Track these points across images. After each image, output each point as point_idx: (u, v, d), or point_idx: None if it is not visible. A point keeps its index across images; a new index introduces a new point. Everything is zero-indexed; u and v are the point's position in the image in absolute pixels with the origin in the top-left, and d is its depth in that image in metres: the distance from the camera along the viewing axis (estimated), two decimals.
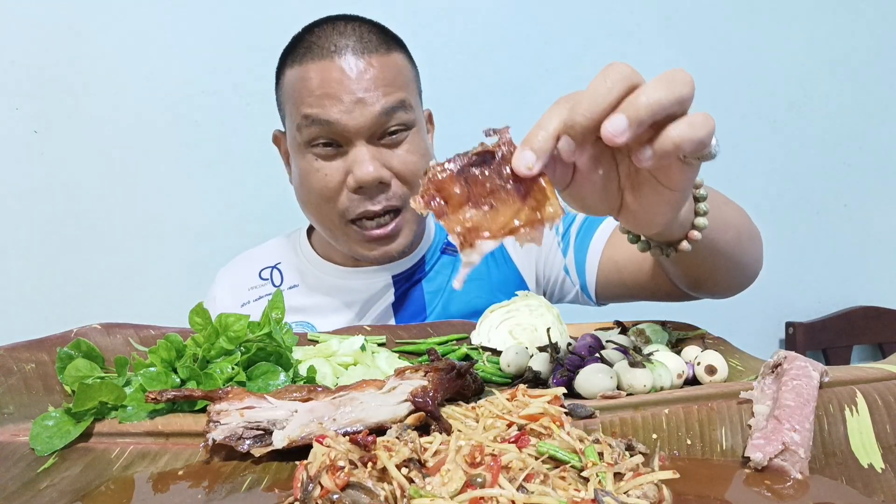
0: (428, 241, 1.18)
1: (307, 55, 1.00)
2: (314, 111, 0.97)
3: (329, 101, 0.97)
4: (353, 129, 0.97)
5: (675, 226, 0.66)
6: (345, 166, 1.00)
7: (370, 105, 0.97)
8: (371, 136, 0.99)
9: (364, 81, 0.97)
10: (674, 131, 0.49)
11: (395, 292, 1.14)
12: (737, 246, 0.83)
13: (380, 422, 0.59)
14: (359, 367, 0.76)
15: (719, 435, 0.60)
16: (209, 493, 0.53)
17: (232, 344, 0.71)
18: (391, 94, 0.98)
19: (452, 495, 0.45)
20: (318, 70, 0.98)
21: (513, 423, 0.56)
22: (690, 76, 0.50)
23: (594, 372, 0.68)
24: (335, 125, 0.97)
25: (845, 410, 0.61)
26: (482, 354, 0.82)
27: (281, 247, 1.24)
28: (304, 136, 1.00)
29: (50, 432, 0.61)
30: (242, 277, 1.21)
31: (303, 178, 1.03)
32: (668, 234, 0.67)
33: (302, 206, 1.08)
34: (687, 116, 0.50)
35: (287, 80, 1.03)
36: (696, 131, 0.50)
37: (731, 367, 0.73)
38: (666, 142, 0.49)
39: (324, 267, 1.17)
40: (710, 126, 0.51)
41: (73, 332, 0.78)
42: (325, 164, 1.00)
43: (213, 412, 0.59)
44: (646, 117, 0.48)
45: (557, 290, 1.16)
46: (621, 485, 0.49)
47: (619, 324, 0.89)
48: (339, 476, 0.46)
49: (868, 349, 2.15)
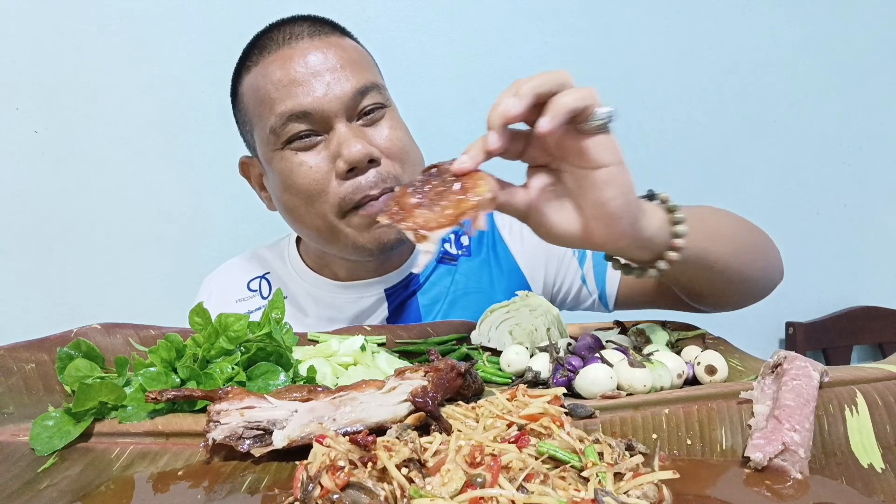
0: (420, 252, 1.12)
1: (262, 53, 0.96)
2: (287, 105, 0.92)
3: (299, 88, 0.92)
4: (331, 111, 0.92)
5: (655, 235, 0.70)
6: (329, 153, 0.93)
7: (342, 84, 0.92)
8: (349, 117, 0.94)
9: (328, 61, 0.93)
10: (558, 97, 0.61)
11: (389, 306, 1.08)
12: (734, 257, 0.82)
13: (380, 422, 0.59)
14: (359, 367, 0.76)
15: (719, 435, 0.60)
16: (209, 493, 0.53)
17: (232, 344, 0.71)
18: (360, 74, 0.95)
19: (452, 495, 0.45)
20: (278, 62, 0.93)
21: (513, 423, 0.56)
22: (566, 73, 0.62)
23: (594, 372, 0.68)
24: (313, 113, 0.92)
25: (845, 410, 0.61)
26: (482, 354, 0.82)
27: (268, 256, 1.18)
28: (283, 135, 0.93)
29: (50, 432, 0.61)
30: (230, 288, 1.15)
31: (286, 180, 0.96)
32: (649, 244, 0.70)
33: (289, 214, 1.00)
34: (569, 89, 0.61)
35: (246, 89, 0.98)
36: (575, 94, 0.61)
37: (731, 367, 0.73)
38: (553, 105, 0.60)
39: (314, 280, 1.10)
40: (587, 92, 0.61)
41: (73, 332, 0.78)
42: (308, 157, 0.94)
43: (213, 412, 0.59)
44: (530, 91, 0.60)
45: (571, 299, 1.14)
46: (621, 485, 0.49)
47: (619, 324, 0.89)
48: (339, 476, 0.46)
49: (868, 349, 2.15)
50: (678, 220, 0.71)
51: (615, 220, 0.65)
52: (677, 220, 0.71)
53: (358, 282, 1.08)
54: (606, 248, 0.70)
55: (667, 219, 0.72)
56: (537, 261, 1.12)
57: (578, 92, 0.61)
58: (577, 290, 1.12)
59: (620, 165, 0.65)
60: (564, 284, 1.13)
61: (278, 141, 0.94)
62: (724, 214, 0.89)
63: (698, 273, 0.80)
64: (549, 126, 0.60)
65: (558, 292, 1.14)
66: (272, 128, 0.94)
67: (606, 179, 0.64)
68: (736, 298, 0.92)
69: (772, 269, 0.94)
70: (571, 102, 0.60)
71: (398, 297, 1.09)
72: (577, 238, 0.68)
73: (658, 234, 0.70)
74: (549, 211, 0.67)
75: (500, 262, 1.12)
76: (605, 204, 0.64)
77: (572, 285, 1.12)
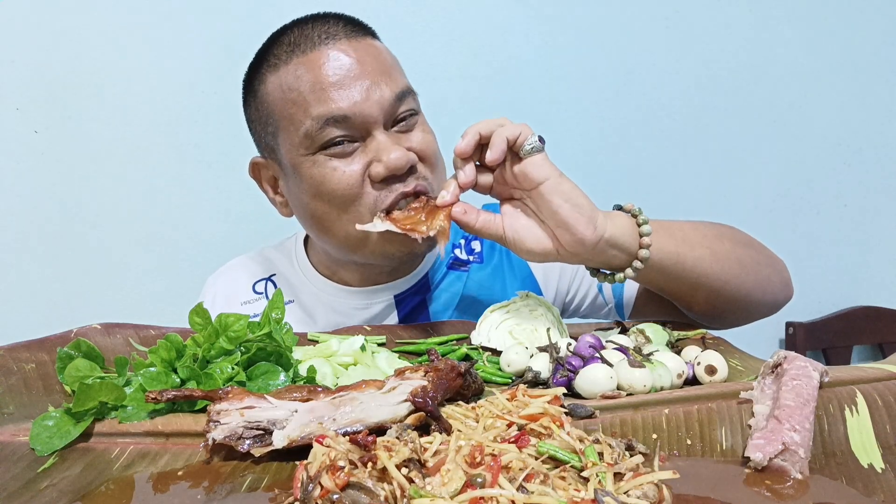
0: (431, 258, 1.10)
1: (294, 52, 0.90)
2: (326, 109, 0.87)
3: (337, 92, 0.88)
4: (371, 117, 0.88)
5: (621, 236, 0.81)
6: (365, 160, 0.90)
7: (381, 89, 0.89)
8: (387, 123, 0.91)
9: (366, 65, 0.90)
10: (497, 132, 0.79)
11: (399, 313, 1.06)
12: (714, 264, 0.88)
13: (380, 422, 0.59)
14: (359, 367, 0.76)
15: (719, 435, 0.60)
16: (209, 493, 0.53)
17: (232, 344, 0.70)
18: (397, 79, 0.93)
19: (452, 495, 0.45)
20: (313, 63, 0.89)
21: (513, 423, 0.57)
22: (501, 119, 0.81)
23: (594, 372, 0.68)
24: (352, 118, 0.88)
25: (845, 410, 0.61)
26: (482, 354, 0.82)
27: (275, 257, 1.15)
28: (318, 140, 0.89)
29: (50, 432, 0.61)
30: (235, 289, 1.13)
31: (318, 186, 0.91)
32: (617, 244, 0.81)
33: (315, 222, 0.96)
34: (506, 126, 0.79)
35: (272, 89, 0.92)
36: (510, 127, 0.79)
37: (731, 367, 0.73)
38: (494, 138, 0.79)
39: (322, 284, 1.08)
40: (519, 127, 0.79)
41: (73, 332, 0.78)
42: (342, 163, 0.90)
43: (213, 412, 0.59)
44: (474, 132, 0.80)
45: (586, 307, 1.14)
46: (621, 485, 0.49)
47: (619, 324, 0.89)
48: (339, 476, 0.46)
49: (868, 349, 2.15)
50: (642, 222, 0.82)
51: (573, 224, 0.78)
52: (641, 222, 0.82)
53: (368, 288, 1.06)
54: (580, 253, 0.81)
55: (631, 222, 0.83)
56: (552, 270, 1.12)
57: (512, 127, 0.78)
58: (592, 299, 1.12)
59: (558, 177, 0.79)
60: (579, 293, 1.12)
61: (312, 145, 0.90)
62: (707, 225, 0.94)
63: (677, 278, 0.87)
64: (492, 155, 0.78)
65: (571, 301, 1.14)
66: (307, 132, 0.89)
67: (550, 190, 0.79)
68: (734, 313, 0.95)
69: (770, 284, 0.96)
70: (507, 133, 0.78)
71: (408, 303, 1.07)
72: (551, 251, 0.82)
73: (624, 235, 0.81)
74: (522, 233, 0.82)
75: (514, 269, 1.11)
76: (557, 212, 0.79)
77: (587, 294, 1.12)
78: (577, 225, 0.78)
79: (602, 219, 0.80)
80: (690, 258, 0.86)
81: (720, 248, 0.89)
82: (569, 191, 0.79)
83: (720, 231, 0.93)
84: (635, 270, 0.83)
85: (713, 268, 0.88)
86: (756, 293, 0.94)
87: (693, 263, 0.86)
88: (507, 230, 0.83)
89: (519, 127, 0.78)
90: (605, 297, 1.11)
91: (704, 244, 0.88)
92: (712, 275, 0.88)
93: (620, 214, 0.84)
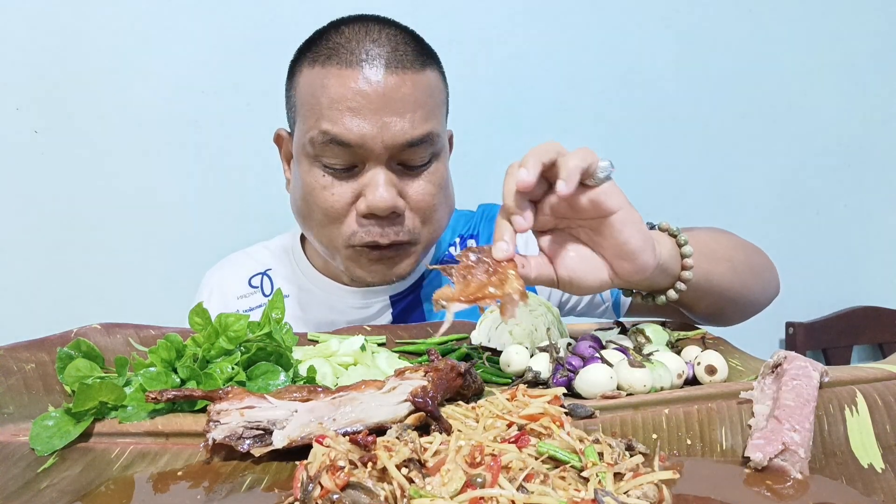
0: (428, 259, 1.11)
1: (332, 58, 0.89)
2: (333, 129, 0.88)
3: (350, 117, 0.87)
4: (373, 151, 0.88)
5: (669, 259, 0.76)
6: (356, 187, 0.91)
7: (396, 131, 0.88)
8: (389, 162, 0.90)
9: (393, 102, 0.88)
10: (566, 161, 0.66)
11: (393, 311, 1.07)
12: (735, 276, 0.87)
13: (380, 422, 0.59)
14: (359, 367, 0.76)
15: (719, 435, 0.60)
16: (209, 493, 0.53)
17: (232, 344, 0.70)
18: (420, 126, 0.89)
19: (452, 495, 0.45)
20: (342, 79, 0.88)
21: (513, 423, 0.57)
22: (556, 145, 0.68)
23: (594, 372, 0.68)
24: (355, 147, 0.88)
25: (845, 410, 0.61)
26: (482, 354, 0.82)
27: (272, 252, 1.16)
28: (317, 150, 0.90)
29: (50, 432, 0.61)
30: (231, 284, 1.14)
31: (307, 194, 0.93)
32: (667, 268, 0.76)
33: (300, 219, 0.99)
34: (570, 153, 0.67)
35: (304, 82, 0.93)
36: (579, 155, 0.66)
37: (731, 367, 0.73)
38: (565, 169, 0.65)
39: (319, 281, 1.09)
40: (587, 152, 0.67)
41: (73, 332, 0.78)
42: (334, 182, 0.91)
43: (213, 412, 0.59)
44: (536, 162, 0.65)
45: (583, 307, 1.14)
46: (621, 485, 0.49)
47: (619, 324, 0.89)
48: (339, 476, 0.46)
49: (868, 349, 2.15)
50: (682, 242, 0.78)
51: (638, 254, 0.70)
52: (682, 242, 0.78)
53: (363, 289, 1.07)
54: (634, 281, 0.74)
55: (673, 242, 0.78)
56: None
57: (580, 153, 0.67)
58: (589, 298, 1.12)
59: (629, 207, 0.70)
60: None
61: (314, 153, 0.91)
62: (721, 235, 0.95)
63: (704, 294, 0.84)
64: (567, 188, 0.65)
65: (568, 300, 1.14)
66: (311, 139, 0.90)
67: (623, 221, 0.69)
68: (736, 316, 0.97)
69: (769, 287, 0.99)
70: (580, 163, 0.66)
71: (403, 303, 1.08)
72: (608, 282, 0.73)
73: (671, 259, 0.76)
74: (577, 272, 0.71)
75: None
76: (627, 243, 0.69)
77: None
78: (644, 254, 0.70)
79: (659, 247, 0.74)
80: (716, 273, 0.84)
81: (738, 259, 0.89)
82: (639, 220, 0.71)
83: (733, 241, 0.94)
84: (678, 292, 0.78)
85: (733, 281, 0.87)
86: (761, 297, 0.97)
87: (719, 279, 0.84)
88: (560, 271, 0.72)
89: (586, 154, 0.67)
90: (602, 296, 1.11)
91: (725, 257, 0.87)
92: (732, 288, 0.87)
93: (662, 235, 0.78)
